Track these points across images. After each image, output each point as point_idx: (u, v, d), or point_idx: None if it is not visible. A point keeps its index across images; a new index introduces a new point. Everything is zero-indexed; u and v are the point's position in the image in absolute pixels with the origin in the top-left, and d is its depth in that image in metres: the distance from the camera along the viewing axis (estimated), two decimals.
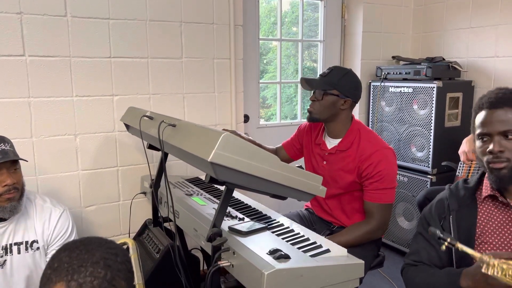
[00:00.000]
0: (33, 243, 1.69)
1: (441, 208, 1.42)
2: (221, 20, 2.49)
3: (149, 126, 1.71)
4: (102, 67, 2.21)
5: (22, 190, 1.64)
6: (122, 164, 2.34)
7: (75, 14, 2.10)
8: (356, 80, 1.90)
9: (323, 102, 1.86)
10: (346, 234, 1.80)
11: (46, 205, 1.75)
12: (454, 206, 1.39)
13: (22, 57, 2.02)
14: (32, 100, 2.07)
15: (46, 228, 1.71)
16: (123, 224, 2.37)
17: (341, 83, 1.85)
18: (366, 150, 1.82)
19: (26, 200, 1.71)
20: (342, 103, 1.86)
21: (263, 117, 3.14)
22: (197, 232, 1.58)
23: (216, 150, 1.17)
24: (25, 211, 1.69)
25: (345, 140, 1.89)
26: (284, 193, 1.37)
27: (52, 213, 1.74)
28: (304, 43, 3.21)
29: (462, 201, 1.39)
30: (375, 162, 1.79)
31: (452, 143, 2.68)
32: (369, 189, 1.81)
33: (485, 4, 2.87)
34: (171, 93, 2.42)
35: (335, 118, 1.89)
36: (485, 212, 1.35)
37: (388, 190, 1.80)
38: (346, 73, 1.88)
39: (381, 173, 1.78)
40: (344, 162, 1.88)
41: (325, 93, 1.85)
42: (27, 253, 1.68)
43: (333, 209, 1.99)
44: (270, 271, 1.16)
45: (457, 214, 1.37)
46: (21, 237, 1.67)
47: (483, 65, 2.92)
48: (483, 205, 1.36)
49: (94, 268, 0.75)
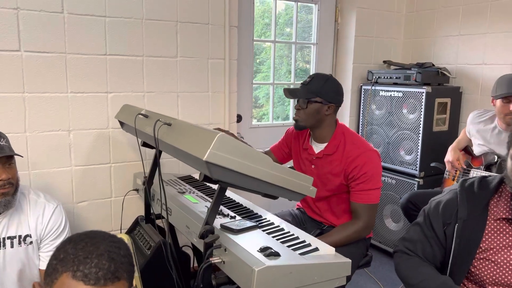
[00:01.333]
0: (26, 237, 1.70)
1: (448, 212, 1.33)
2: (217, 20, 2.52)
3: (144, 124, 1.73)
4: (98, 64, 2.22)
5: (17, 185, 1.65)
6: (115, 161, 2.36)
7: (72, 11, 2.12)
8: (337, 86, 1.95)
9: (307, 110, 1.91)
10: (334, 234, 1.85)
11: (40, 200, 1.76)
12: (462, 214, 1.29)
13: (17, 52, 2.03)
14: (26, 95, 2.08)
15: (40, 223, 1.72)
16: (114, 220, 2.39)
17: (323, 90, 1.89)
18: (351, 153, 1.88)
19: (20, 195, 1.72)
20: (326, 109, 1.91)
21: (255, 117, 3.18)
22: (189, 229, 1.61)
23: (211, 150, 1.21)
24: (19, 205, 1.70)
25: (331, 144, 1.95)
26: (276, 193, 1.41)
27: (46, 208, 1.75)
28: (298, 44, 3.25)
29: (472, 210, 1.28)
30: (361, 164, 1.84)
31: (440, 147, 2.75)
32: (355, 190, 1.87)
33: (474, 13, 2.94)
34: (166, 91, 2.44)
35: (320, 124, 1.95)
36: (495, 228, 1.26)
37: (374, 191, 1.85)
38: (327, 79, 1.93)
39: (366, 175, 1.84)
40: (331, 165, 1.93)
41: (309, 101, 1.90)
42: (20, 247, 1.69)
43: (323, 211, 2.04)
44: (260, 267, 1.20)
45: (464, 223, 1.28)
46: (14, 231, 1.68)
47: (471, 72, 2.99)
48: (494, 220, 1.27)
49: (99, 260, 0.78)
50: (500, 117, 2.25)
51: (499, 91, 2.19)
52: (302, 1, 3.16)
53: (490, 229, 1.26)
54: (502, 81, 2.21)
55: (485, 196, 1.29)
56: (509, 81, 2.17)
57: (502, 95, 2.16)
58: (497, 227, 1.26)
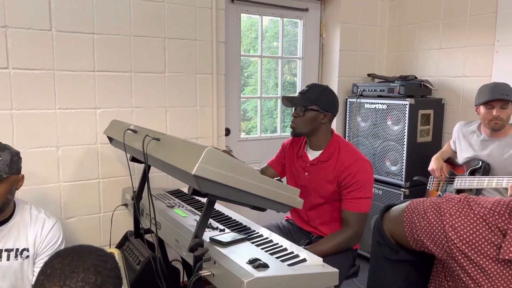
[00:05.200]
0: (23, 251, 1.72)
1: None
2: (204, 36, 2.57)
3: (133, 139, 1.75)
4: (86, 80, 2.24)
5: (5, 203, 1.63)
6: (103, 176, 2.36)
7: (60, 29, 2.14)
8: (333, 95, 2.01)
9: (304, 117, 1.96)
10: (323, 243, 1.87)
11: (40, 215, 1.79)
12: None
13: (5, 70, 2.04)
14: (14, 112, 2.08)
15: (38, 237, 1.74)
16: (103, 236, 2.38)
17: (320, 99, 1.95)
18: (345, 161, 1.92)
19: (22, 209, 1.75)
20: (322, 117, 1.97)
21: (244, 130, 3.21)
22: (178, 243, 1.62)
23: (199, 164, 1.23)
24: (21, 219, 1.73)
25: (326, 151, 1.99)
26: (264, 205, 1.44)
27: (45, 224, 1.77)
28: (284, 59, 3.32)
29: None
30: (354, 172, 1.89)
31: (424, 158, 2.81)
32: (347, 198, 1.90)
33: (453, 27, 3.05)
34: (154, 106, 2.47)
35: (316, 132, 2.00)
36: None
37: (365, 200, 1.89)
38: (324, 89, 1.99)
39: (358, 183, 1.88)
40: (324, 172, 1.97)
41: (306, 109, 1.95)
42: (16, 260, 1.70)
43: (314, 219, 2.06)
44: (249, 279, 1.22)
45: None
46: (12, 244, 1.70)
47: (452, 84, 3.09)
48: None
49: (85, 274, 0.80)
50: (484, 123, 2.34)
51: (482, 98, 2.29)
52: (287, 16, 3.24)
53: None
54: (484, 88, 2.33)
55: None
56: (490, 89, 2.27)
57: (485, 101, 2.26)
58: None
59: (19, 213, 1.74)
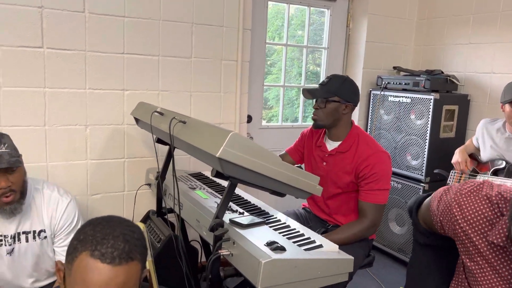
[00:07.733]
0: (40, 232, 1.74)
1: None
2: (231, 23, 2.60)
3: (159, 121, 1.81)
4: (115, 62, 2.31)
5: (23, 190, 1.64)
6: (128, 156, 2.44)
7: (93, 11, 2.21)
8: (354, 85, 2.02)
9: (326, 109, 1.98)
10: (340, 232, 1.90)
11: (53, 194, 1.77)
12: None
13: (40, 49, 2.12)
14: (47, 90, 2.17)
15: (53, 218, 1.75)
16: (126, 214, 2.47)
17: (341, 90, 1.96)
18: (364, 153, 1.94)
19: (34, 190, 1.74)
20: (344, 108, 1.98)
21: (265, 118, 3.24)
22: (199, 223, 1.68)
23: (224, 147, 1.28)
24: (33, 201, 1.73)
25: (345, 142, 2.01)
26: (284, 190, 1.48)
27: (59, 203, 1.77)
28: (309, 48, 3.31)
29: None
30: (372, 163, 1.90)
31: (446, 154, 2.79)
32: (364, 189, 1.92)
33: (484, 22, 2.98)
34: (179, 90, 2.52)
35: (337, 123, 2.02)
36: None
37: (382, 192, 1.91)
38: (344, 80, 2.00)
39: (376, 175, 1.89)
40: (342, 163, 1.99)
41: (327, 100, 1.97)
42: (34, 241, 1.72)
43: (331, 208, 2.09)
44: (267, 260, 1.26)
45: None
46: (29, 227, 1.71)
47: (480, 80, 3.03)
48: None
49: (114, 241, 0.86)
50: (509, 121, 2.31)
51: (508, 96, 2.25)
52: (314, 5, 3.23)
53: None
54: (510, 86, 2.28)
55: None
56: None
57: (511, 100, 2.23)
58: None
59: (31, 194, 1.71)
